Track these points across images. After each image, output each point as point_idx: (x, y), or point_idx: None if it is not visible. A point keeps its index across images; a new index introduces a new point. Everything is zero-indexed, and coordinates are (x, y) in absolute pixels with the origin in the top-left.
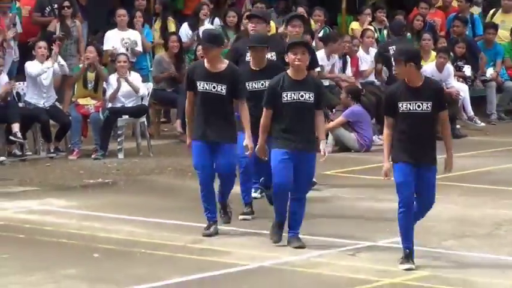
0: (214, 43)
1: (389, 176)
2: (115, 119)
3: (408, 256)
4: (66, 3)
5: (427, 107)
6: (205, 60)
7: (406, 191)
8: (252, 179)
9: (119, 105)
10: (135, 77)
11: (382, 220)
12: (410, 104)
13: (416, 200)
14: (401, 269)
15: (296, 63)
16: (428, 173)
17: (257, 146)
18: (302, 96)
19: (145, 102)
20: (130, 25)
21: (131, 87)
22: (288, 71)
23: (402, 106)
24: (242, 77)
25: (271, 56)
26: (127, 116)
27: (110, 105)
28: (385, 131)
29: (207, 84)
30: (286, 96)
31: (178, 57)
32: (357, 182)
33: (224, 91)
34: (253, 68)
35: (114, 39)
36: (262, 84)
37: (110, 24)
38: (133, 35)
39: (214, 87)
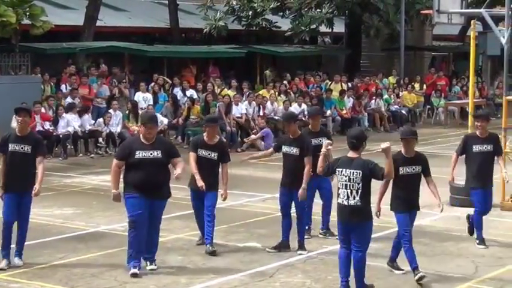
0: (215, 122)
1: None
2: None
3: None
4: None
5: (296, 152)
6: (205, 135)
7: None
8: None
9: None
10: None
11: None
12: (288, 148)
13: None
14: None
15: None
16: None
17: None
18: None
19: None
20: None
21: None
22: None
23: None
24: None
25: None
26: None
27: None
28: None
29: (204, 151)
30: (200, 152)
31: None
32: None
33: (215, 157)
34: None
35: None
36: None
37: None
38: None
39: (209, 154)
